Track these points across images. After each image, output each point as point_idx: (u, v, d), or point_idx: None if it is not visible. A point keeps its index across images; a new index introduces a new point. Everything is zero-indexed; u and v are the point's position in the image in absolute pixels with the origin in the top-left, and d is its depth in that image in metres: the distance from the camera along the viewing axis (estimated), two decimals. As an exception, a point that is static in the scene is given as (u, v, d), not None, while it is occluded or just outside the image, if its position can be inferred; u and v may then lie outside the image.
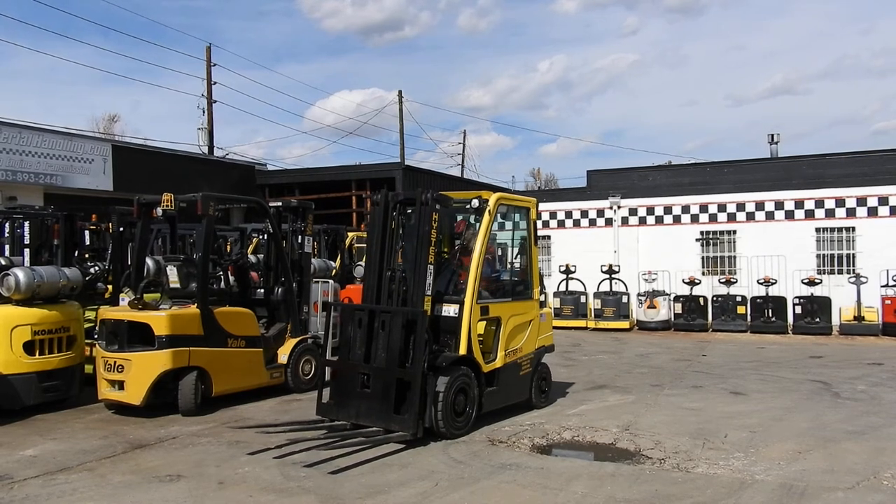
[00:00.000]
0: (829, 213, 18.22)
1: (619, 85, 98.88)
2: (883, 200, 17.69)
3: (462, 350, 7.18)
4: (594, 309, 17.84)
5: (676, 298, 17.58)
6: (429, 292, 7.05)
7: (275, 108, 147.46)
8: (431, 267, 7.07)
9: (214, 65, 28.06)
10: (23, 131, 16.79)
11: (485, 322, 7.69)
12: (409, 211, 7.57)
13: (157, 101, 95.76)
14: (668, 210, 19.95)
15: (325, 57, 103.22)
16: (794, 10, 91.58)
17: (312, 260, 10.55)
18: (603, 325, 17.43)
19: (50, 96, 71.79)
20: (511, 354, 7.93)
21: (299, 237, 10.01)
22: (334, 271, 12.90)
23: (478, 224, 7.65)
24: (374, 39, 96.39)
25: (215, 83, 28.00)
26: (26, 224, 10.80)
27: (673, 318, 17.42)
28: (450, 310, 7.33)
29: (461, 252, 7.87)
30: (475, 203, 7.56)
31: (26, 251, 10.69)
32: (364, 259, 8.45)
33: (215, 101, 27.84)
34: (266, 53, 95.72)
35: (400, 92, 36.97)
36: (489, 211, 7.51)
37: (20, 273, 8.05)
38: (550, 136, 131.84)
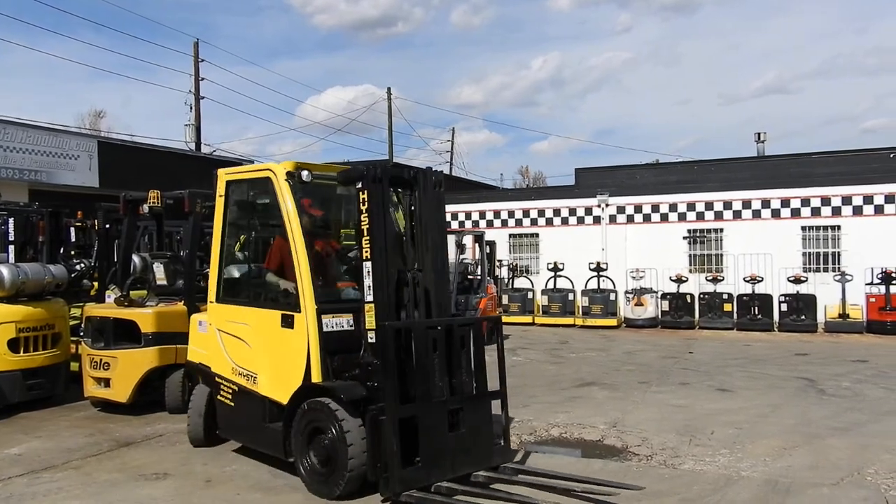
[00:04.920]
0: (815, 212, 18.36)
1: (612, 83, 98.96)
2: (868, 199, 17.85)
3: None
4: (582, 306, 17.91)
5: (664, 296, 17.67)
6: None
7: (266, 105, 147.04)
8: None
9: (202, 60, 27.87)
10: (7, 127, 16.60)
11: None
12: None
13: (149, 97, 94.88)
14: (655, 208, 20.04)
15: (318, 53, 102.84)
16: (788, 10, 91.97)
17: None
18: (591, 322, 17.48)
19: (44, 93, 71.20)
20: None
21: (287, 234, 9.97)
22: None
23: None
24: (367, 35, 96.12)
25: (203, 79, 27.82)
26: (11, 220, 10.67)
27: (660, 316, 17.51)
28: None
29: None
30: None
31: (11, 248, 10.57)
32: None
33: (203, 98, 27.67)
34: (261, 49, 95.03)
35: (389, 89, 36.90)
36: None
37: (4, 270, 7.99)
38: (542, 134, 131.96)
